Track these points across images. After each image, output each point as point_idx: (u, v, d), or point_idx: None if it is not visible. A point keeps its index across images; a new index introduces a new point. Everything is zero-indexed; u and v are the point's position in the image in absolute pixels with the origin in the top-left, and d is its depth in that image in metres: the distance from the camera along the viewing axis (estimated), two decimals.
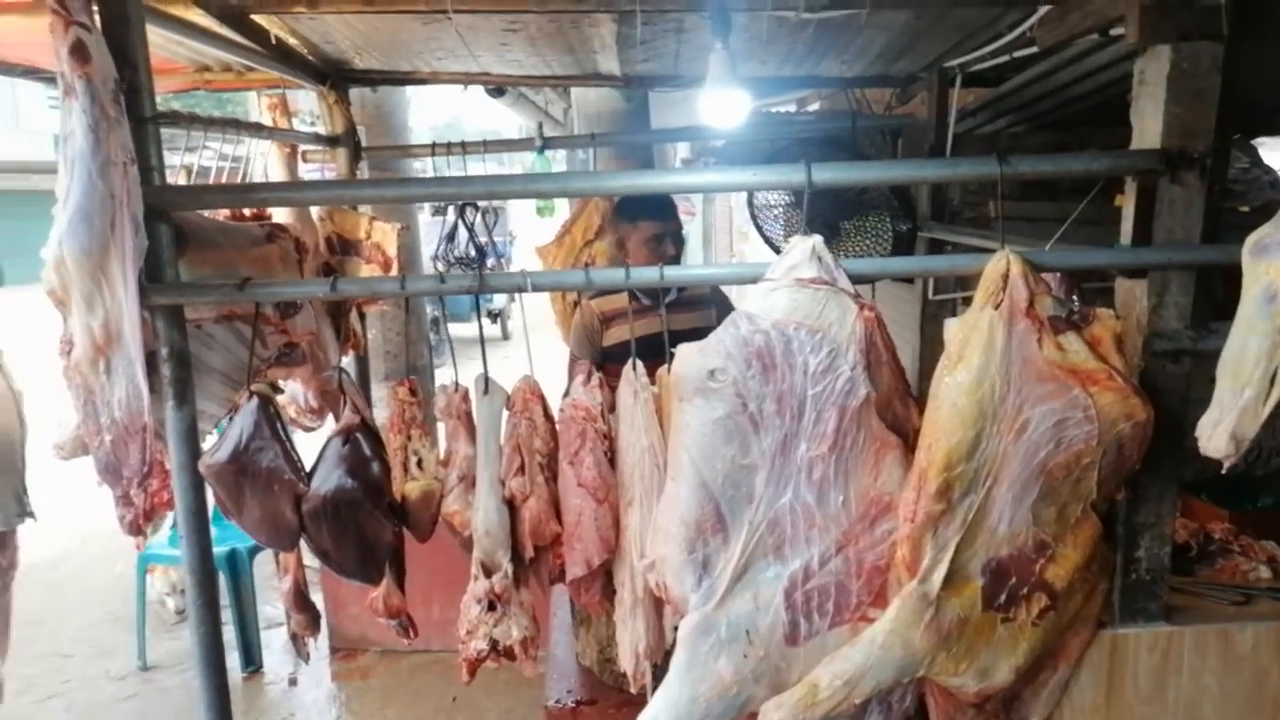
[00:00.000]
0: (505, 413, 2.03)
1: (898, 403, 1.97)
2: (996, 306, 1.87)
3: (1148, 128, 1.92)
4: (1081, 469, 1.90)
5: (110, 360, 1.74)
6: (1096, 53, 2.71)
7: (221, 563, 3.72)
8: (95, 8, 1.74)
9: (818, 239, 1.89)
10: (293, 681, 4.00)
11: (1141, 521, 2.09)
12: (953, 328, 1.95)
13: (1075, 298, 2.07)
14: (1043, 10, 2.41)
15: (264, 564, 4.26)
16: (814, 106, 6.03)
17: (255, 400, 1.98)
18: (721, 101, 2.53)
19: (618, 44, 2.96)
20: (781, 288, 1.86)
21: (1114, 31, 2.21)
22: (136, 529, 2.12)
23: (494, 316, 13.44)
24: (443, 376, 3.67)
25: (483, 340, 1.96)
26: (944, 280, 3.53)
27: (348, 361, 3.53)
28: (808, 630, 1.94)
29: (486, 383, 1.98)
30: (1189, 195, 1.91)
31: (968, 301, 3.63)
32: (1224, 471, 1.72)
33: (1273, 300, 1.53)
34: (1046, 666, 2.10)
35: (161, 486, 2.12)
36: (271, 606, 4.50)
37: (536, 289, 1.88)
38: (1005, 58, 2.78)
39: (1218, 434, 1.64)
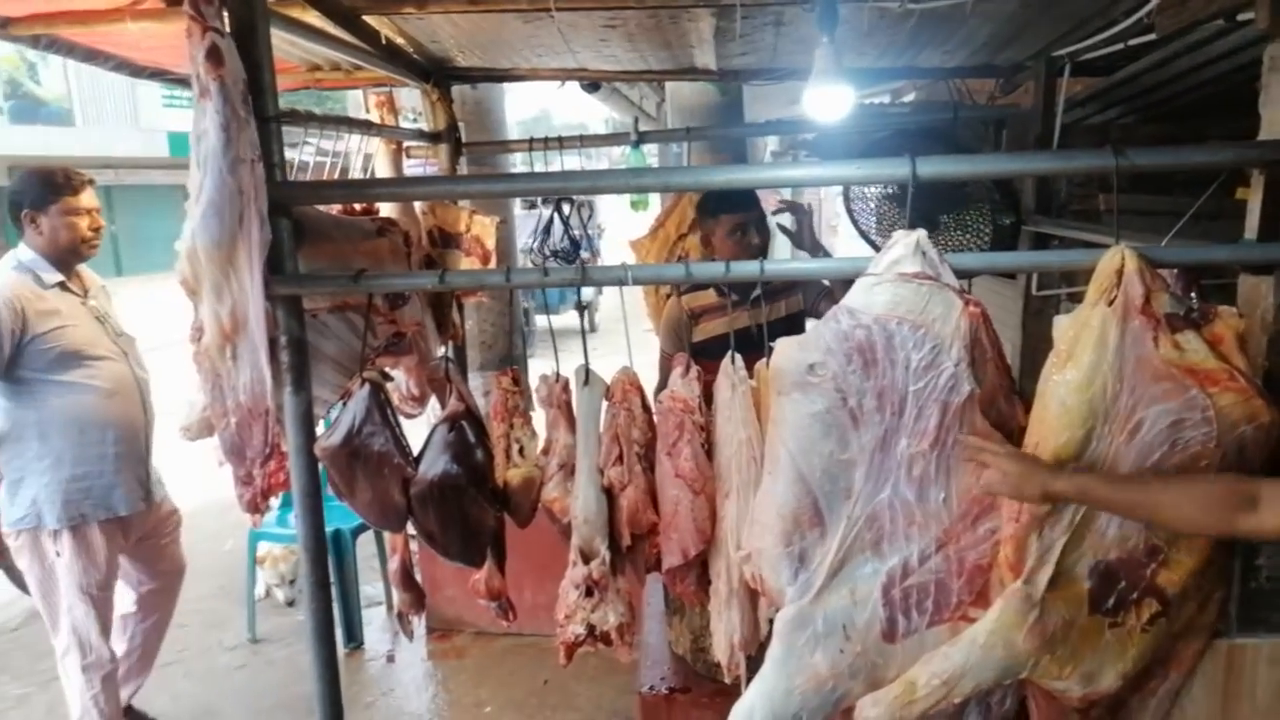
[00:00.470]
0: (604, 403, 2.06)
1: (1002, 400, 1.94)
2: (1110, 303, 1.82)
3: (1277, 117, 1.83)
4: (1198, 472, 1.84)
5: (236, 347, 1.84)
6: (1218, 40, 2.59)
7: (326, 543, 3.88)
8: (225, 13, 1.83)
9: (922, 233, 1.86)
10: (390, 659, 4.14)
11: None
12: (1062, 325, 1.89)
13: (1194, 295, 1.99)
14: None
15: (364, 545, 4.42)
16: (909, 97, 5.91)
17: (367, 387, 2.06)
18: (826, 95, 2.51)
19: (715, 38, 2.96)
20: (884, 282, 1.84)
21: (1241, 17, 2.11)
22: (255, 507, 2.23)
23: (581, 309, 13.62)
24: (535, 367, 3.73)
25: (584, 332, 2.00)
26: (1048, 276, 3.42)
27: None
28: (906, 627, 1.93)
29: (587, 374, 2.01)
30: None
31: (1073, 298, 3.53)
32: None
33: None
34: (1156, 674, 2.03)
35: (278, 468, 2.22)
36: (370, 586, 4.67)
37: (638, 282, 1.91)
38: (1119, 46, 2.68)
39: None
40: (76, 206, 2.91)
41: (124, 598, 3.27)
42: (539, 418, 2.16)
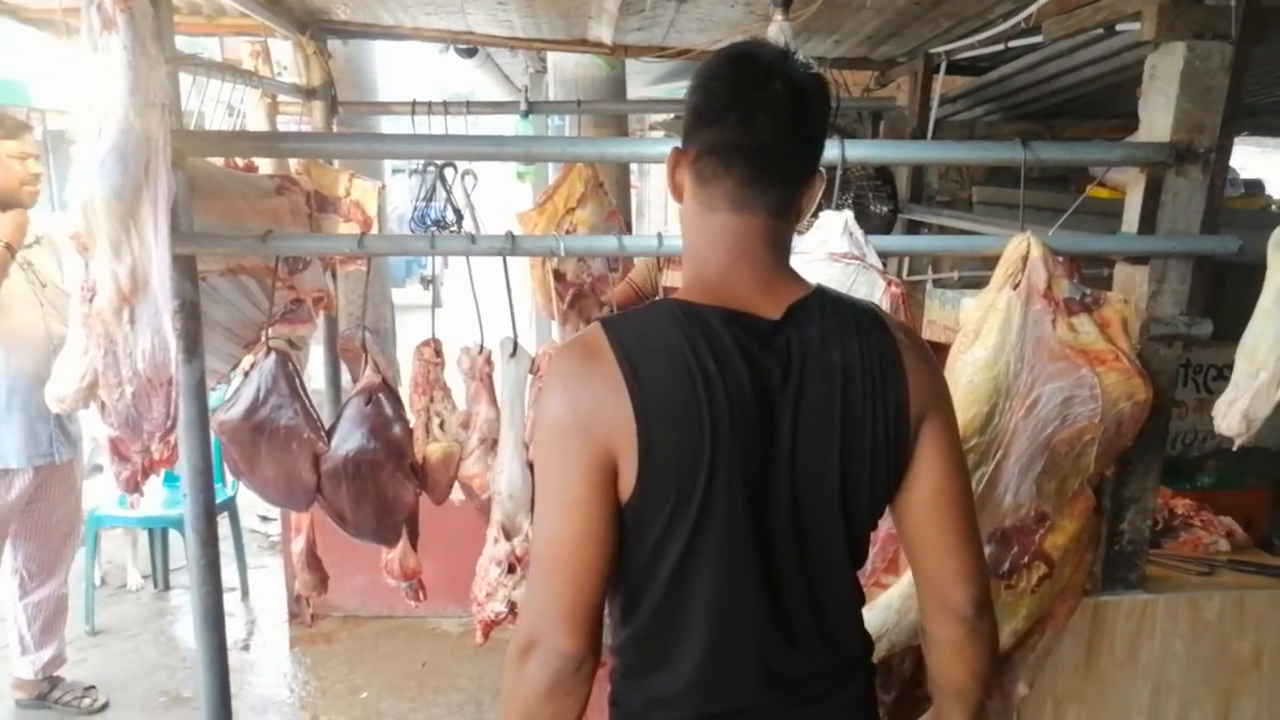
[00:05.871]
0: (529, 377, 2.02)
1: None
2: (1015, 287, 1.94)
3: (1157, 121, 2.01)
4: (1083, 445, 2.00)
5: (135, 310, 1.67)
6: (1088, 47, 2.80)
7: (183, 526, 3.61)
8: None
9: (849, 214, 1.93)
10: (246, 647, 3.92)
11: (1128, 496, 2.21)
12: (969, 307, 2.01)
13: (1076, 281, 2.16)
14: (1042, 1, 2.49)
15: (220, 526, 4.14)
16: None
17: (274, 356, 1.93)
18: None
19: (619, 10, 2.93)
20: (814, 261, 1.89)
21: (1120, 26, 2.29)
22: (134, 486, 2.04)
23: (426, 283, 13.14)
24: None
25: (511, 305, 1.94)
26: (918, 261, 3.62)
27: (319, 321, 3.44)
28: None
29: (515, 346, 1.96)
30: (1192, 188, 2.00)
31: (938, 283, 3.74)
32: (1234, 449, 1.83)
33: None
34: (1037, 632, 2.20)
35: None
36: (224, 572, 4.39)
37: (569, 253, 1.88)
38: (998, 46, 2.85)
39: (1232, 413, 1.75)
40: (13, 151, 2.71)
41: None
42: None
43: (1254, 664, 2.31)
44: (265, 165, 2.89)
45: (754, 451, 1.14)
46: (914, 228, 3.50)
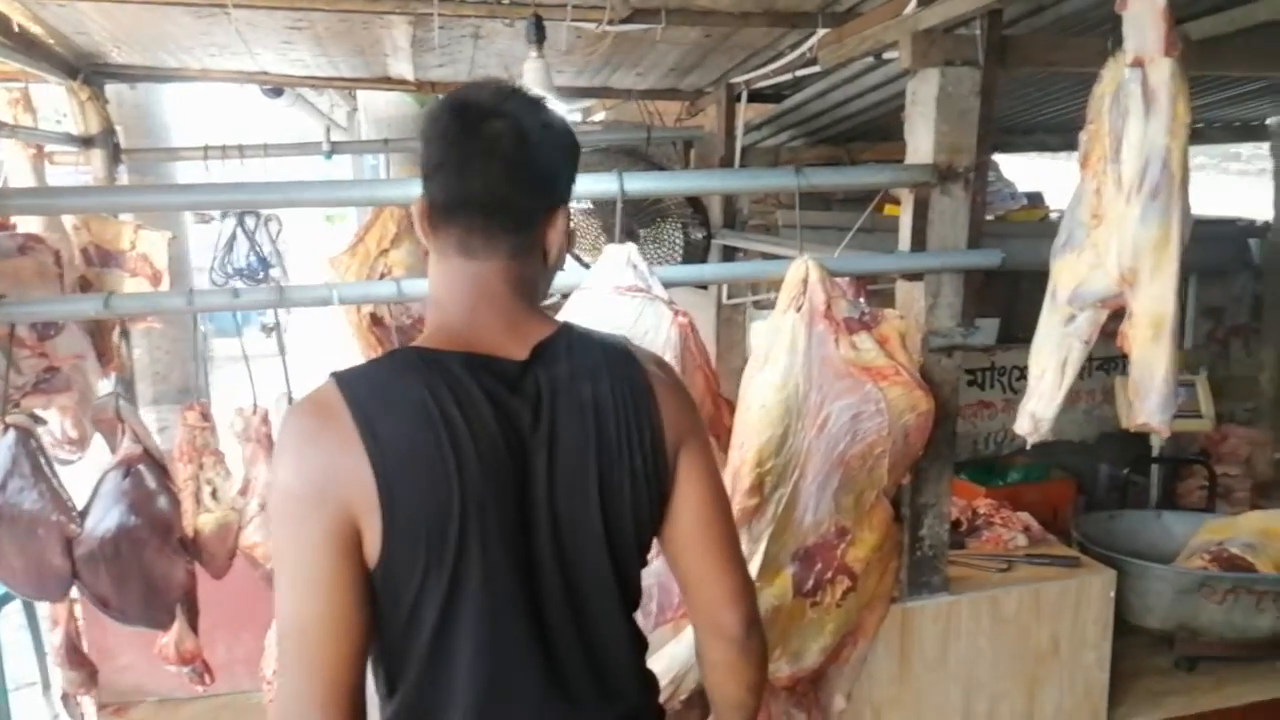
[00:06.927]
0: None
1: (710, 404, 2.05)
2: (798, 309, 1.99)
3: (920, 144, 2.11)
4: (875, 458, 2.05)
5: None
6: (867, 74, 2.94)
7: None
8: None
9: (632, 247, 1.93)
10: None
11: (924, 502, 2.29)
12: (759, 330, 2.05)
13: (862, 300, 2.23)
14: (821, 33, 2.59)
15: (10, 615, 3.75)
16: (599, 116, 6.13)
17: (13, 434, 1.75)
18: None
19: (412, 47, 2.87)
20: (601, 296, 1.87)
21: (886, 55, 2.40)
22: None
23: (268, 330, 12.61)
24: (219, 399, 3.38)
25: (284, 357, 1.83)
26: (736, 285, 3.69)
27: (109, 384, 3.19)
28: None
29: (290, 403, 1.85)
30: (956, 206, 2.11)
31: (758, 305, 3.82)
32: (1028, 447, 1.93)
33: (1054, 297, 1.73)
34: (848, 644, 2.24)
35: None
36: (18, 664, 3.97)
37: (344, 301, 1.79)
38: (788, 76, 2.95)
39: (1022, 413, 1.84)
40: None
41: None
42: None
43: (1053, 652, 2.43)
44: (34, 223, 2.66)
45: (509, 498, 1.10)
46: (729, 252, 3.56)
